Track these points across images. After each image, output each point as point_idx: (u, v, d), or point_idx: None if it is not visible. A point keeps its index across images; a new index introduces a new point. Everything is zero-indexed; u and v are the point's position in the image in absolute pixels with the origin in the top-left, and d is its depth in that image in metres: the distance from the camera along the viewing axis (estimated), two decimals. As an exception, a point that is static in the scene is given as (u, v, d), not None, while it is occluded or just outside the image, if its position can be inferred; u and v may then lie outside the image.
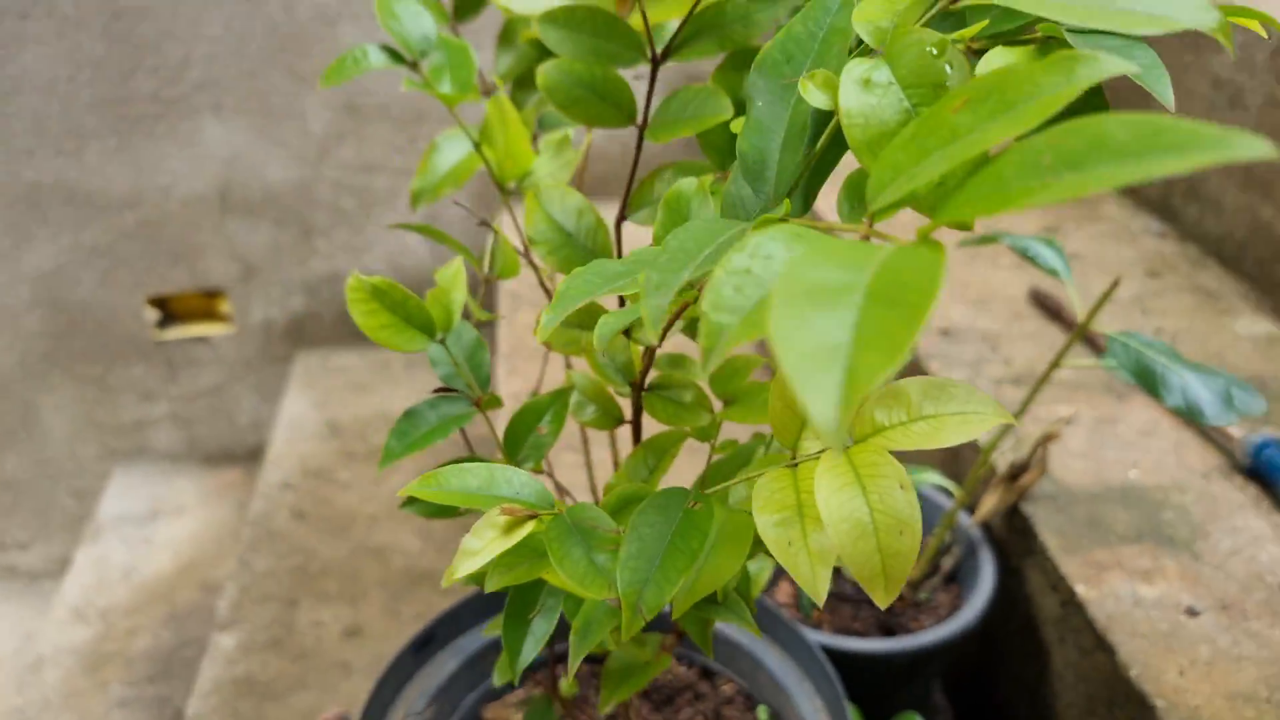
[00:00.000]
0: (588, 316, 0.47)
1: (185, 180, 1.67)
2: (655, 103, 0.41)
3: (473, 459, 0.48)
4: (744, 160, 0.30)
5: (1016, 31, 0.28)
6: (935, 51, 0.25)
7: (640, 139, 0.43)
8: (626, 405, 0.50)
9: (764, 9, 0.39)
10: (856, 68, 0.25)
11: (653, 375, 0.45)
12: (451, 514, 0.46)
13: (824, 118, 0.28)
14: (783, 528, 0.30)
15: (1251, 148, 0.16)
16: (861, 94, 0.25)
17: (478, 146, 0.51)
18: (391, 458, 0.44)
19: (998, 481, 0.84)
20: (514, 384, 1.41)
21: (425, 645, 0.76)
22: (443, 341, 0.43)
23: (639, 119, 0.42)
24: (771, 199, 0.29)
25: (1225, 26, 0.22)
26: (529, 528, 0.33)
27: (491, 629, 0.53)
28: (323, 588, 1.40)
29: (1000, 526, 0.86)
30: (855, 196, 0.27)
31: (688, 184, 0.36)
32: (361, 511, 1.53)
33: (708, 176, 0.37)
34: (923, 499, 0.89)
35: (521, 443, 0.46)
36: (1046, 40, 0.28)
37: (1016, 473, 0.82)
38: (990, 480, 0.86)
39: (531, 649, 0.40)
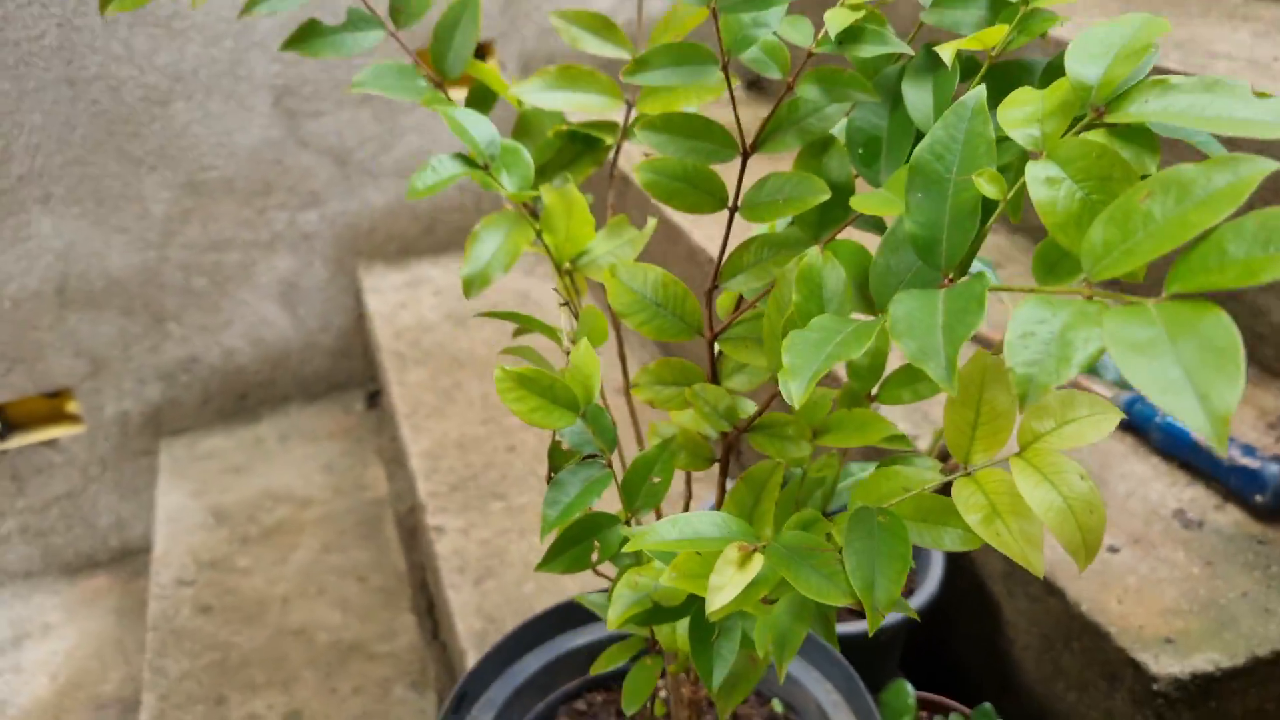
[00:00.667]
0: (681, 375, 0.54)
1: (16, 279, 1.57)
2: (745, 187, 0.48)
3: (601, 515, 0.53)
4: (915, 240, 0.37)
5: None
6: (1096, 154, 0.34)
7: (730, 219, 0.49)
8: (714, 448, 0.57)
9: (834, 105, 0.46)
10: (1040, 169, 0.33)
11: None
12: (586, 566, 0.51)
13: (989, 204, 0.36)
14: (988, 523, 0.37)
15: None
16: (1046, 189, 0.34)
17: (539, 234, 0.56)
18: (550, 527, 0.48)
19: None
20: (422, 442, 1.42)
21: (460, 704, 0.79)
22: (584, 415, 0.48)
23: (730, 203, 0.49)
24: (944, 268, 0.37)
25: (1322, 132, 0.32)
26: (759, 560, 0.39)
27: (601, 666, 0.57)
28: (249, 679, 1.36)
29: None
30: (1049, 263, 0.35)
31: (815, 256, 0.43)
32: (271, 594, 1.49)
33: (817, 248, 0.44)
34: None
35: (638, 493, 0.52)
36: (1129, 126, 0.38)
37: (944, 454, 0.94)
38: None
39: (721, 670, 0.45)
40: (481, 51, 1.72)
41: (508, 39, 1.70)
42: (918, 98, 0.44)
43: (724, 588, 0.38)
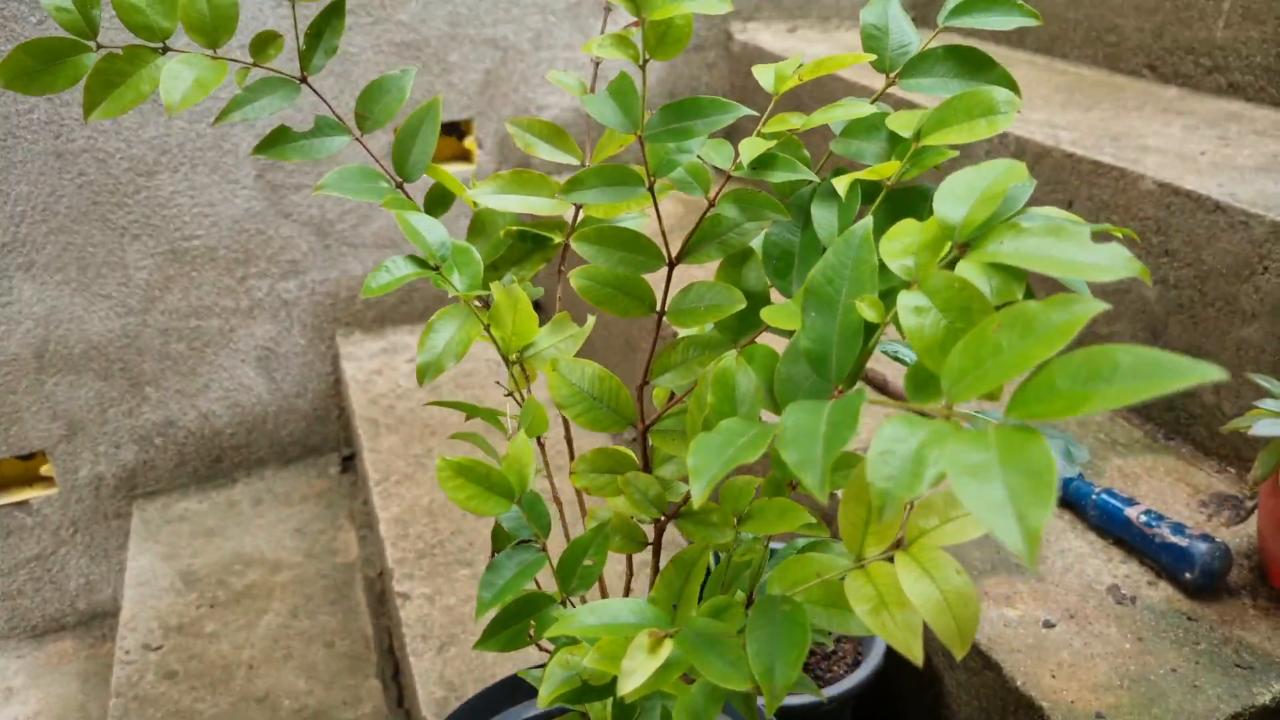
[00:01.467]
0: (615, 463, 0.57)
1: (-3, 342, 1.59)
2: (672, 294, 0.52)
3: (537, 595, 0.56)
4: (809, 355, 0.41)
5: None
6: (958, 286, 0.38)
7: (659, 322, 0.53)
8: (648, 530, 0.60)
9: (751, 222, 0.51)
10: (909, 299, 0.38)
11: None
12: (523, 644, 0.54)
13: (870, 327, 0.41)
14: (876, 614, 0.41)
15: (1215, 373, 0.30)
16: (914, 317, 0.38)
17: (488, 329, 0.60)
18: (485, 609, 0.51)
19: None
20: (392, 508, 1.45)
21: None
22: (519, 502, 0.51)
23: (659, 307, 0.53)
24: (834, 382, 0.41)
25: (1145, 270, 0.36)
26: (669, 645, 0.42)
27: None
28: (212, 747, 1.36)
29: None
30: (919, 382, 0.39)
31: (729, 361, 0.47)
32: (237, 660, 1.50)
33: (734, 354, 0.48)
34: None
35: (572, 574, 0.55)
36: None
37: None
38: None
39: (642, 745, 0.49)
40: (461, 130, 1.78)
41: (485, 118, 1.76)
42: (824, 218, 0.49)
43: (635, 671, 0.41)
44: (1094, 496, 0.99)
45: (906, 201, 0.48)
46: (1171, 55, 1.50)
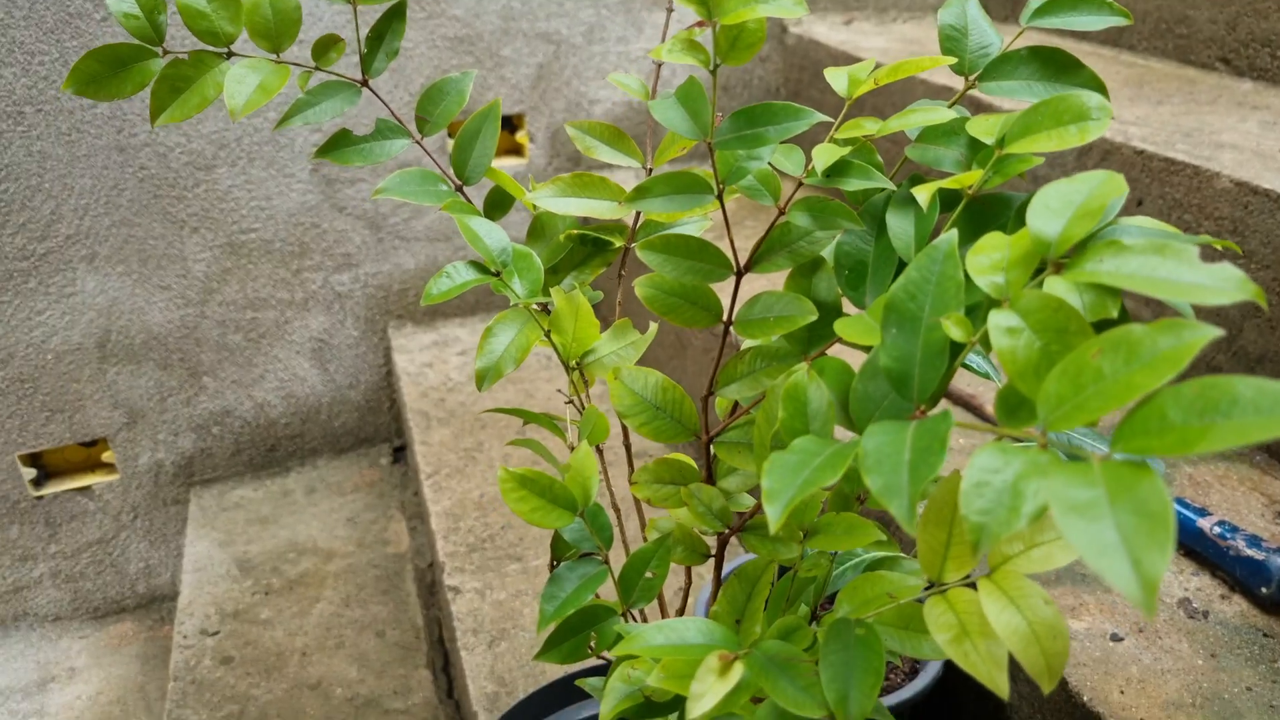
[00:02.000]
0: (678, 474, 0.56)
1: (60, 333, 1.63)
2: (739, 304, 0.51)
3: (598, 606, 0.55)
4: (889, 373, 0.40)
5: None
6: (1055, 307, 0.36)
7: (725, 333, 0.52)
8: (710, 542, 0.59)
9: (823, 231, 0.49)
10: (1002, 319, 0.36)
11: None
12: (584, 657, 0.53)
13: (956, 346, 0.39)
14: (957, 643, 0.39)
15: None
16: (1007, 338, 0.36)
17: (548, 334, 0.59)
18: (547, 621, 0.50)
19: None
20: (443, 501, 1.45)
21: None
22: (582, 515, 0.51)
23: (725, 317, 0.51)
24: (916, 402, 0.40)
25: (1260, 292, 0.34)
26: (739, 668, 0.41)
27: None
28: (266, 734, 1.38)
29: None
30: (1010, 407, 0.37)
31: (801, 376, 0.46)
32: (291, 647, 1.52)
33: (804, 367, 0.47)
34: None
35: (634, 587, 0.54)
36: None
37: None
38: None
39: (708, 766, 0.48)
40: (513, 124, 1.78)
41: (537, 113, 1.76)
42: (900, 228, 0.47)
43: (704, 695, 0.40)
44: (1164, 506, 0.96)
45: (988, 211, 0.47)
46: (1246, 48, 1.44)
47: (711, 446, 0.55)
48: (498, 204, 0.67)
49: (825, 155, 0.46)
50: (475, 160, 0.64)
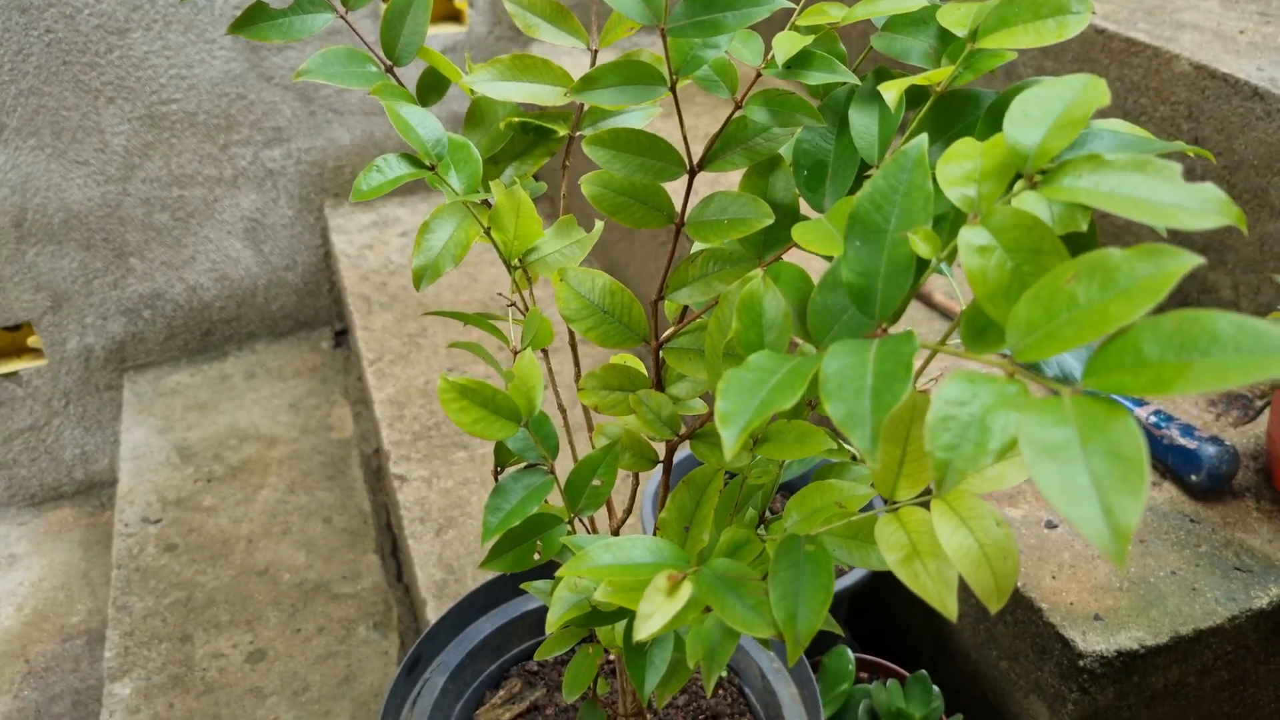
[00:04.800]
0: (626, 380, 0.54)
1: (-28, 211, 1.53)
2: (692, 204, 0.48)
3: (544, 514, 0.54)
4: (851, 289, 0.38)
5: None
6: (1029, 225, 0.34)
7: (677, 234, 0.49)
8: (658, 448, 0.58)
9: (781, 127, 0.46)
10: (973, 236, 0.34)
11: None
12: (529, 565, 0.52)
13: (922, 262, 0.37)
14: (907, 564, 0.39)
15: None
16: (978, 257, 0.34)
17: (488, 231, 0.56)
18: (491, 533, 0.49)
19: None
20: (387, 389, 1.43)
21: (414, 667, 0.81)
22: (526, 425, 0.49)
23: (677, 219, 0.49)
24: (878, 319, 0.38)
25: (1241, 217, 0.32)
26: (687, 588, 0.40)
27: (544, 653, 0.59)
28: (214, 617, 1.38)
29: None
30: (977, 330, 0.35)
31: (756, 284, 0.43)
32: (236, 534, 1.51)
33: (759, 274, 0.45)
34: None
35: (581, 494, 0.53)
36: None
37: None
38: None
39: (654, 677, 0.47)
40: (450, -14, 1.68)
41: (477, -26, 1.66)
42: (863, 126, 0.44)
43: (652, 615, 0.40)
44: (1105, 395, 0.97)
45: (956, 109, 0.44)
46: (1214, -81, 1.39)
47: (661, 352, 0.53)
48: (432, 88, 0.62)
49: (786, 45, 0.42)
50: (407, 38, 0.59)
